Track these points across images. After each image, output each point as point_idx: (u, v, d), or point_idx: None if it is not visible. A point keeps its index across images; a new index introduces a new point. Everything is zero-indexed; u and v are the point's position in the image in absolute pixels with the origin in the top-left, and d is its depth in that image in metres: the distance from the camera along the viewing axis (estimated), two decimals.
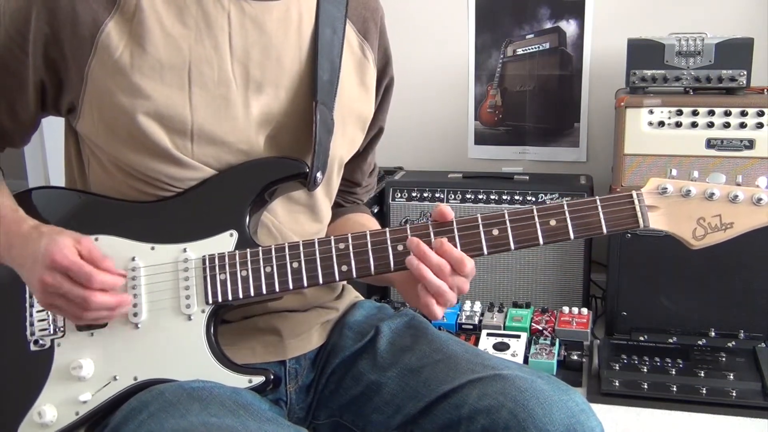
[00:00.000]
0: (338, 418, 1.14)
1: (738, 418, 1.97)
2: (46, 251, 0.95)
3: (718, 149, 2.21)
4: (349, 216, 1.28)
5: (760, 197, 0.96)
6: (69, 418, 1.01)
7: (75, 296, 0.95)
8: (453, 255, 0.97)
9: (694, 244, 0.99)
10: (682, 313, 2.32)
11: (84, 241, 0.98)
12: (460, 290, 0.99)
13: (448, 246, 0.98)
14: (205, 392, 0.97)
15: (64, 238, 0.97)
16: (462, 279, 0.98)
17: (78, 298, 0.95)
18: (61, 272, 0.95)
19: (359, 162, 1.27)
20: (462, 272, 0.98)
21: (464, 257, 0.97)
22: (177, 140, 1.01)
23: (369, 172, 1.32)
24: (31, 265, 0.98)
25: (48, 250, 0.95)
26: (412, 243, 0.98)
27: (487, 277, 2.52)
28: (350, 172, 1.26)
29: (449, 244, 0.98)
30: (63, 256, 0.95)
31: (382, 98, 1.23)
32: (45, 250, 0.96)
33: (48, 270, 0.95)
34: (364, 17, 1.16)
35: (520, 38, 2.77)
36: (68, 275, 0.95)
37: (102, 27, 0.99)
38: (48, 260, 0.95)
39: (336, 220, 1.26)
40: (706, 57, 2.24)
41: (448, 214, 1.00)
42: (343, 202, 1.30)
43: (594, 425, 0.97)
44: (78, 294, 0.95)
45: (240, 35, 1.03)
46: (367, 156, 1.28)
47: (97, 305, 0.96)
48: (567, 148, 2.81)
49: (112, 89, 0.99)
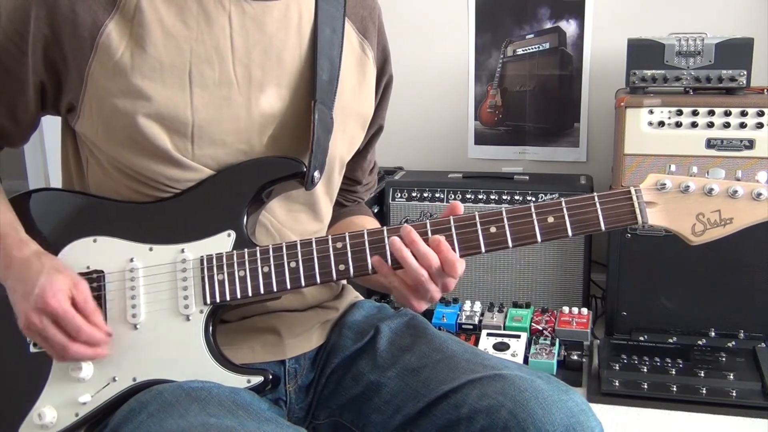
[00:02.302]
0: (338, 418, 1.14)
1: (738, 418, 1.97)
2: (41, 292, 0.95)
3: (718, 149, 2.21)
4: (351, 218, 1.28)
5: (760, 192, 0.95)
6: (69, 420, 1.01)
7: (55, 343, 0.96)
8: (447, 255, 0.96)
9: (693, 240, 0.98)
10: (682, 313, 2.32)
11: (81, 287, 0.98)
12: (445, 287, 0.99)
13: (445, 245, 0.97)
14: (204, 392, 0.97)
15: (61, 281, 0.97)
16: (450, 278, 0.98)
17: (57, 345, 0.97)
18: (51, 317, 0.95)
19: (359, 160, 1.27)
20: (452, 274, 0.97)
21: (457, 260, 0.97)
22: (177, 141, 1.01)
23: (369, 169, 1.32)
24: (23, 296, 0.98)
25: (43, 291, 0.95)
26: (405, 229, 0.98)
27: (487, 277, 2.51)
28: (351, 170, 1.26)
29: (446, 244, 0.97)
30: (57, 302, 0.95)
31: (381, 96, 1.23)
32: (40, 289, 0.95)
33: (37, 311, 0.96)
34: (362, 16, 1.16)
35: (520, 38, 2.77)
36: (56, 321, 0.96)
37: (102, 28, 0.99)
38: (40, 302, 0.95)
39: (337, 222, 1.26)
40: (706, 57, 2.24)
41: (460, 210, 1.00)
42: (344, 201, 1.30)
43: (594, 425, 0.97)
44: (59, 342, 0.96)
45: (241, 36, 1.03)
46: (367, 154, 1.28)
47: (73, 356, 0.97)
48: (567, 148, 2.81)
49: (113, 91, 0.99)
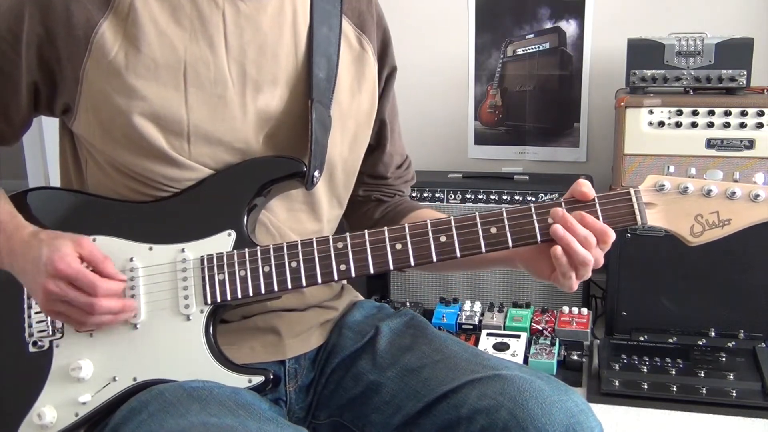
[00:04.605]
0: (338, 417, 1.14)
1: (738, 418, 1.96)
2: (48, 259, 0.95)
3: (718, 149, 2.21)
4: (417, 212, 1.23)
5: (758, 194, 0.96)
6: (69, 419, 1.01)
7: (80, 303, 0.96)
8: (596, 227, 0.96)
9: (691, 241, 0.99)
10: (682, 313, 2.32)
11: (83, 243, 0.98)
12: (597, 263, 0.98)
13: (591, 218, 0.97)
14: (205, 392, 0.97)
15: (63, 244, 0.97)
16: (600, 251, 0.98)
17: (83, 304, 0.96)
18: (65, 280, 0.95)
19: (378, 155, 1.24)
20: (606, 243, 0.97)
21: (607, 228, 0.97)
22: (173, 141, 1.01)
23: (396, 165, 1.27)
24: (33, 273, 0.98)
25: (50, 258, 0.95)
26: (557, 213, 0.97)
27: (487, 277, 2.51)
28: (372, 167, 1.24)
29: (591, 217, 0.97)
30: (66, 264, 0.95)
31: (383, 90, 1.21)
32: (47, 258, 0.95)
33: (51, 278, 0.95)
34: (360, 10, 1.16)
35: (520, 38, 2.77)
36: (72, 283, 0.95)
37: (96, 27, 0.99)
38: (51, 269, 0.95)
39: (397, 219, 1.22)
40: (706, 57, 2.24)
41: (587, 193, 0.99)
42: (383, 197, 1.27)
43: (593, 425, 0.97)
44: (83, 301, 0.96)
45: (235, 34, 1.03)
46: (384, 149, 1.24)
47: (102, 310, 0.96)
48: (567, 148, 2.81)
49: (108, 90, 0.99)
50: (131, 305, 1.00)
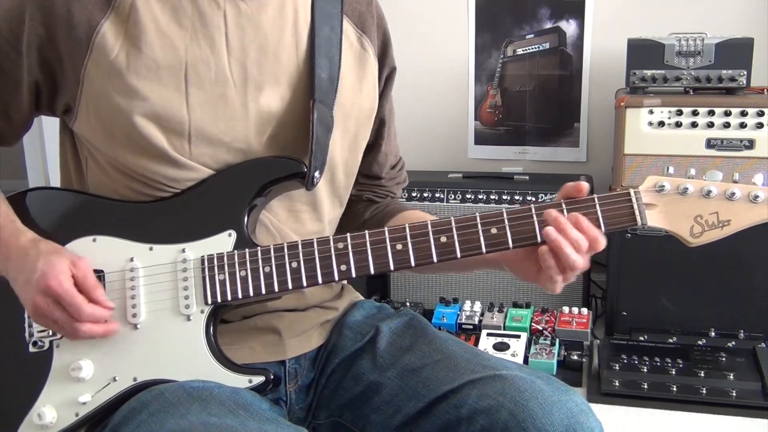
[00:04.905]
0: (338, 418, 1.14)
1: (738, 418, 1.96)
2: (41, 274, 0.95)
3: (718, 149, 2.21)
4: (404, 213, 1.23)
5: (757, 194, 0.96)
6: (69, 420, 1.01)
7: (64, 323, 0.97)
8: (590, 233, 0.96)
9: (691, 242, 0.99)
10: (682, 313, 2.31)
11: (80, 265, 0.98)
12: (583, 266, 0.98)
13: (586, 223, 0.97)
14: (205, 392, 0.97)
15: (60, 261, 0.97)
16: (587, 256, 0.98)
17: (67, 326, 0.97)
18: (53, 298, 0.95)
19: (374, 155, 1.25)
20: (595, 249, 0.97)
21: (599, 236, 0.96)
22: (174, 141, 1.01)
23: (390, 165, 1.28)
24: (25, 284, 0.98)
25: (43, 273, 0.95)
26: (550, 215, 0.97)
27: (487, 277, 2.51)
28: (367, 166, 1.24)
29: (587, 221, 0.97)
30: (58, 283, 0.95)
31: (383, 89, 1.21)
32: (41, 272, 0.96)
33: (41, 294, 0.96)
34: (360, 11, 1.16)
35: (520, 38, 2.77)
36: (59, 303, 0.96)
37: (97, 28, 0.99)
38: (42, 284, 0.95)
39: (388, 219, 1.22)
40: (706, 57, 2.23)
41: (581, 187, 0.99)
42: (375, 198, 1.28)
43: (593, 425, 0.97)
44: (66, 322, 0.96)
45: (236, 34, 1.03)
46: (380, 148, 1.25)
47: (83, 335, 0.97)
48: (567, 148, 2.81)
49: (109, 91, 0.99)
50: (114, 329, 1.00)
